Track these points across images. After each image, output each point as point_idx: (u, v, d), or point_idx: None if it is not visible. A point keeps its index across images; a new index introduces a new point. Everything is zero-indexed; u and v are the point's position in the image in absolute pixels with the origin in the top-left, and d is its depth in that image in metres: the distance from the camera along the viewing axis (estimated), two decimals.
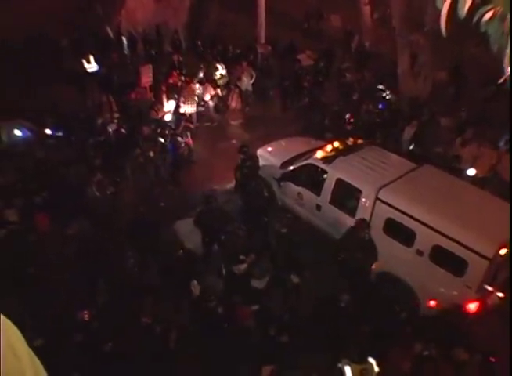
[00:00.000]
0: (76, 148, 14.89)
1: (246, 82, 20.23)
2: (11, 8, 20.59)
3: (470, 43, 17.26)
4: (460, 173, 13.18)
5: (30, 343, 6.36)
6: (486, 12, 3.25)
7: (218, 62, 21.14)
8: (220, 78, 20.47)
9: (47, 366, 6.43)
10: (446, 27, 3.40)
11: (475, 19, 3.34)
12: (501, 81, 3.78)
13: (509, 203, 10.47)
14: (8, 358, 2.19)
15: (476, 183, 12.23)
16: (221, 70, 20.66)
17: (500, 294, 10.09)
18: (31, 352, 2.46)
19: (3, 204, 11.87)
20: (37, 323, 9.00)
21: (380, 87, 19.22)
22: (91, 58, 20.02)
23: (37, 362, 2.51)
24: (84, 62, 19.85)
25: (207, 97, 19.02)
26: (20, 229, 11.24)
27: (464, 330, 9.34)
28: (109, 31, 24.15)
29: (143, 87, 18.95)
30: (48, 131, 15.63)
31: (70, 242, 11.27)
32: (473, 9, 3.21)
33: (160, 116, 17.13)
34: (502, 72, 3.65)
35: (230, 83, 20.69)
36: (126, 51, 23.92)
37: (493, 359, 8.46)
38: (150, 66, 19.61)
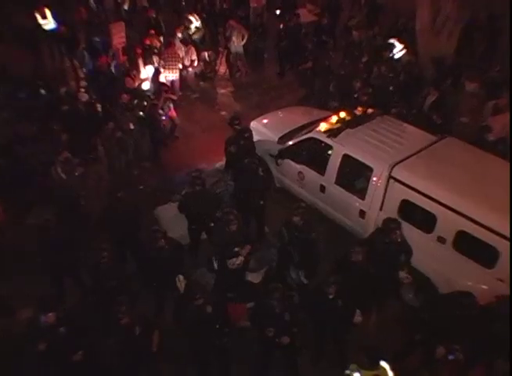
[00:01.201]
0: (35, 121, 14.57)
1: (237, 43, 19.92)
2: None
3: None
4: (490, 146, 13.11)
5: None
6: None
7: (191, 14, 20.91)
8: (195, 32, 20.28)
9: None
10: None
11: None
12: None
13: None
14: None
15: (508, 158, 12.10)
16: (195, 23, 20.39)
17: None
18: None
19: None
20: None
21: (393, 42, 19.01)
22: (48, 12, 19.47)
23: None
24: (38, 17, 19.34)
25: (191, 60, 18.88)
26: None
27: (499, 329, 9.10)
28: None
29: (115, 49, 18.65)
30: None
31: (29, 233, 11.21)
32: None
33: (136, 84, 17.02)
34: None
35: (218, 44, 20.67)
36: (92, 5, 23.26)
37: None
38: (123, 23, 19.23)
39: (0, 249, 11.05)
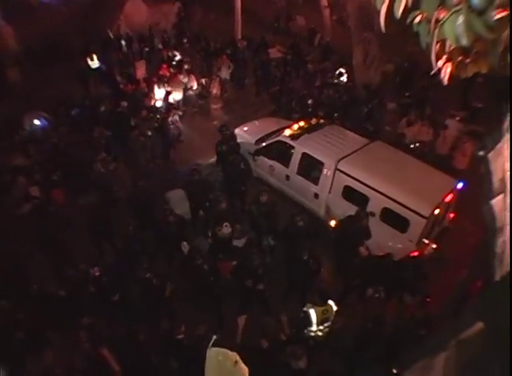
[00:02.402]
0: (83, 132, 14.65)
1: (225, 72, 19.96)
2: (36, 19, 21.02)
3: (409, 42, 17.49)
4: (405, 147, 13.16)
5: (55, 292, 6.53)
6: (416, 16, 3.31)
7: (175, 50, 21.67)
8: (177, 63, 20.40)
9: (67, 311, 6.68)
10: (386, 25, 3.45)
11: (408, 21, 3.40)
12: (432, 73, 3.84)
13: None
14: None
15: (417, 156, 12.14)
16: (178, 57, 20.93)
17: (434, 246, 10.41)
18: None
19: (28, 182, 11.99)
20: (60, 276, 9.50)
21: (341, 70, 19.44)
22: (95, 56, 19.65)
23: None
24: (89, 60, 19.48)
25: (191, 85, 18.73)
26: (42, 203, 11.39)
27: (407, 275, 9.45)
28: (110, 33, 23.83)
29: (138, 79, 18.70)
30: (60, 120, 15.49)
31: (80, 211, 11.25)
32: (406, 11, 3.27)
33: (152, 103, 16.92)
34: (432, 66, 3.76)
35: (211, 73, 20.49)
36: (124, 49, 23.48)
37: (428, 299, 8.77)
38: (144, 61, 19.71)
39: (60, 221, 10.81)
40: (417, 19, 3.31)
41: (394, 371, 4.75)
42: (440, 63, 3.67)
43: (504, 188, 3.83)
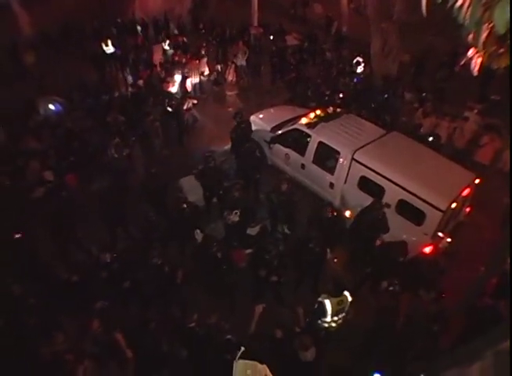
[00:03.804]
0: (97, 117, 14.55)
1: (241, 59, 19.92)
2: (50, 4, 21.36)
3: (429, 33, 17.14)
4: (422, 139, 12.89)
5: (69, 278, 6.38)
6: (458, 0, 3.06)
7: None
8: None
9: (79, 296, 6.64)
10: (427, 9, 3.20)
11: (449, 5, 3.15)
12: (462, 63, 3.63)
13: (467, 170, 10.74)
14: None
15: (434, 148, 11.92)
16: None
17: (449, 239, 10.23)
18: None
19: (42, 167, 11.90)
20: (72, 261, 9.49)
21: (359, 59, 19.19)
22: (109, 42, 19.68)
23: None
24: (103, 45, 19.51)
25: (207, 71, 18.65)
26: (55, 187, 11.31)
27: (422, 269, 9.47)
28: (125, 18, 23.92)
29: (154, 64, 18.63)
30: (74, 105, 15.51)
31: (93, 197, 11.16)
32: None
33: (168, 88, 16.77)
34: (458, 56, 3.51)
35: (227, 59, 20.43)
36: (139, 34, 23.36)
37: (443, 294, 8.60)
38: (161, 45, 19.80)
39: (74, 206, 10.69)
40: (459, 3, 3.09)
41: None
42: (470, 52, 3.47)
43: None
